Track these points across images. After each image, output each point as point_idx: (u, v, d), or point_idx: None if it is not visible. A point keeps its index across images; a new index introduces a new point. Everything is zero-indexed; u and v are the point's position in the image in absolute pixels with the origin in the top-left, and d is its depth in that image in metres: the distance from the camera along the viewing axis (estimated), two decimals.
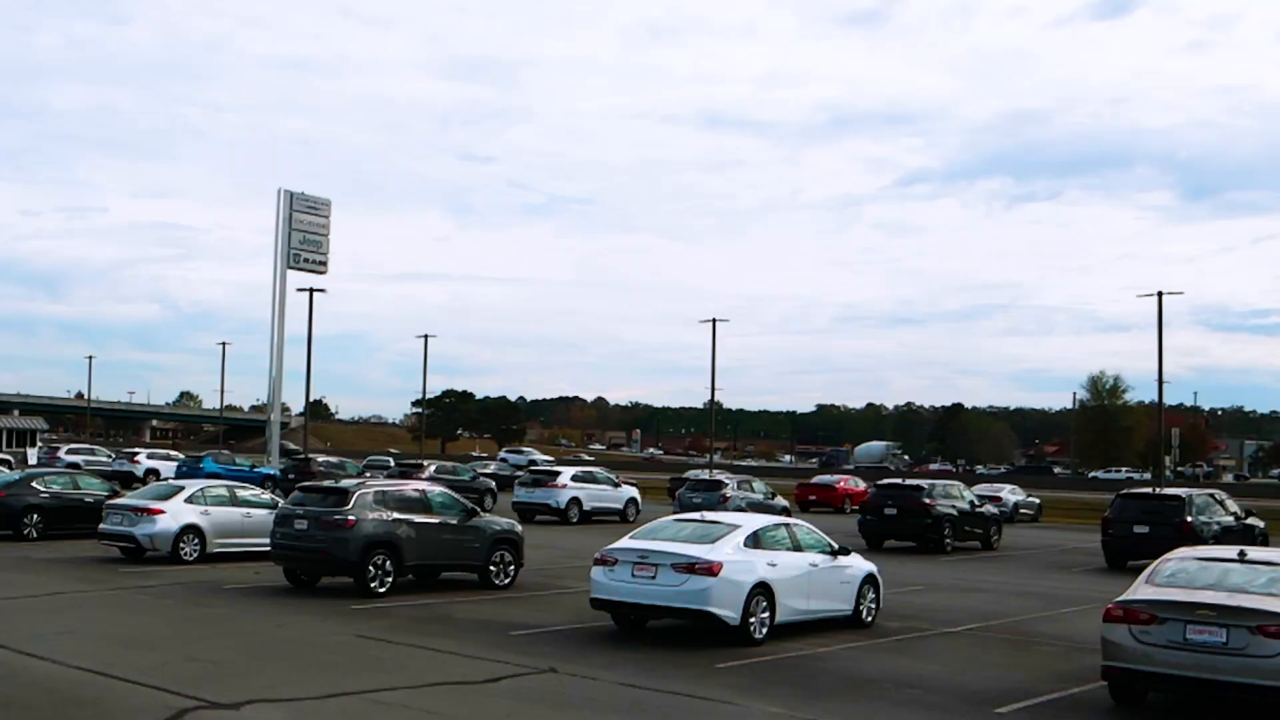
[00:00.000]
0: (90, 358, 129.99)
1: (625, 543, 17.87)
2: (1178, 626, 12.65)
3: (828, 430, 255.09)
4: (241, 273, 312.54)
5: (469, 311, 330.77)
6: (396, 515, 21.48)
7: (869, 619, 19.38)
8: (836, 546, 19.16)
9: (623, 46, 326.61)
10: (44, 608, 18.85)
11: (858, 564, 19.52)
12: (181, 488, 26.91)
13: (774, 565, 17.44)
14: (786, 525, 18.96)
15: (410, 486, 23.20)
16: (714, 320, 77.11)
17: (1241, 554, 13.77)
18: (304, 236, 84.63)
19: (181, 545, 25.28)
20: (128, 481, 50.59)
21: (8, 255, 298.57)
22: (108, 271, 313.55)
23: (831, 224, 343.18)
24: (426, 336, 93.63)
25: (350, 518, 20.90)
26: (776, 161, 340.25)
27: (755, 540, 17.63)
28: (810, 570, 18.18)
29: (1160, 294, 60.88)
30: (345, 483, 22.75)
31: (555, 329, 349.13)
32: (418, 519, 21.78)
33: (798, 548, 18.32)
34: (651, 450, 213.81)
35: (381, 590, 20.96)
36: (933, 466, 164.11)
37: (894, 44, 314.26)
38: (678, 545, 17.26)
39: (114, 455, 64.78)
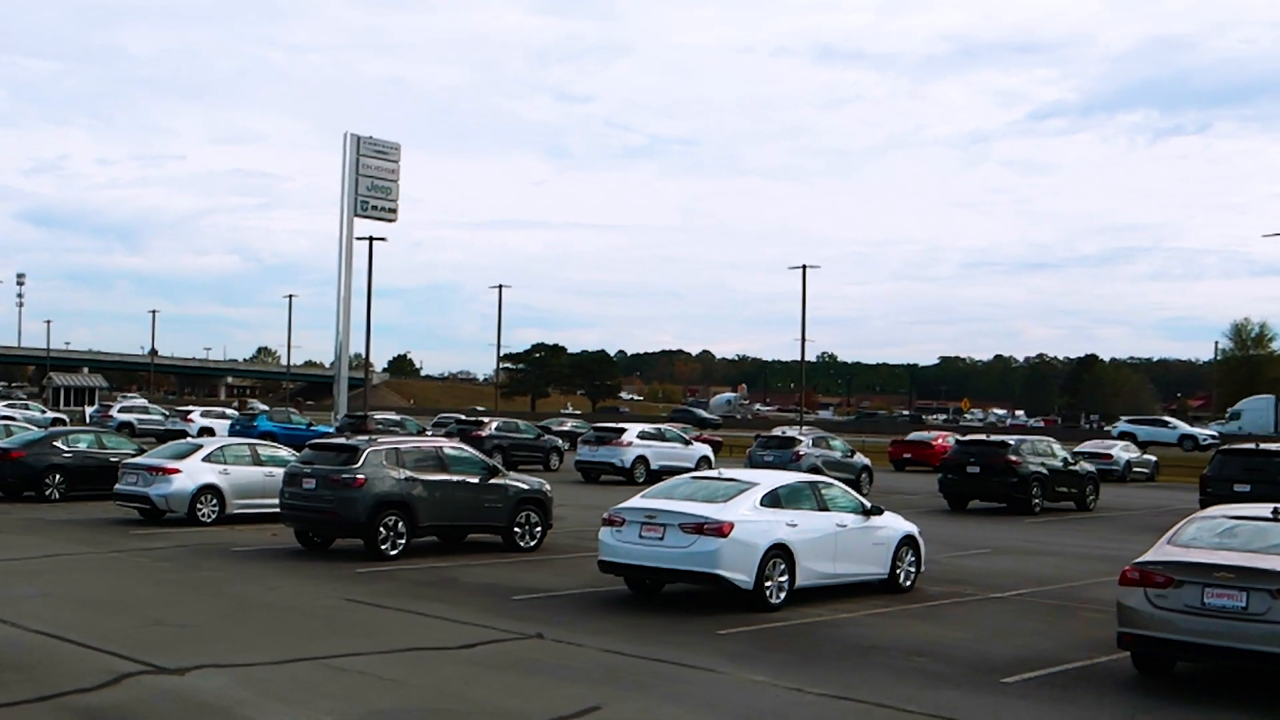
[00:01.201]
0: (154, 312, 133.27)
1: (634, 502, 17.94)
2: (1195, 590, 12.42)
3: (950, 384, 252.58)
4: (325, 222, 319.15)
5: (566, 260, 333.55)
6: (410, 474, 21.75)
7: (907, 583, 19.25)
8: (869, 505, 19.05)
9: None
10: (32, 570, 19.42)
11: (894, 524, 19.36)
12: (200, 445, 27.54)
13: (794, 526, 17.38)
14: (811, 483, 18.85)
15: (427, 444, 23.48)
16: (804, 267, 76.88)
17: (1276, 512, 13.44)
18: (372, 183, 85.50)
19: (199, 506, 25.86)
20: None
21: (82, 206, 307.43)
22: (185, 222, 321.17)
23: (957, 163, 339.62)
24: (501, 287, 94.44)
25: (359, 476, 21.23)
26: (896, 96, 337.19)
27: (774, 499, 17.58)
28: (837, 531, 18.08)
29: None
30: (355, 440, 23.08)
31: (658, 278, 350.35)
32: (433, 478, 22.04)
33: (823, 507, 18.21)
34: (758, 406, 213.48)
35: (393, 553, 21.26)
36: (993, 419, 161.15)
37: None
38: (688, 504, 17.26)
39: (168, 413, 66.37)
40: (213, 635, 14.49)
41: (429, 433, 50.47)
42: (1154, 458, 55.53)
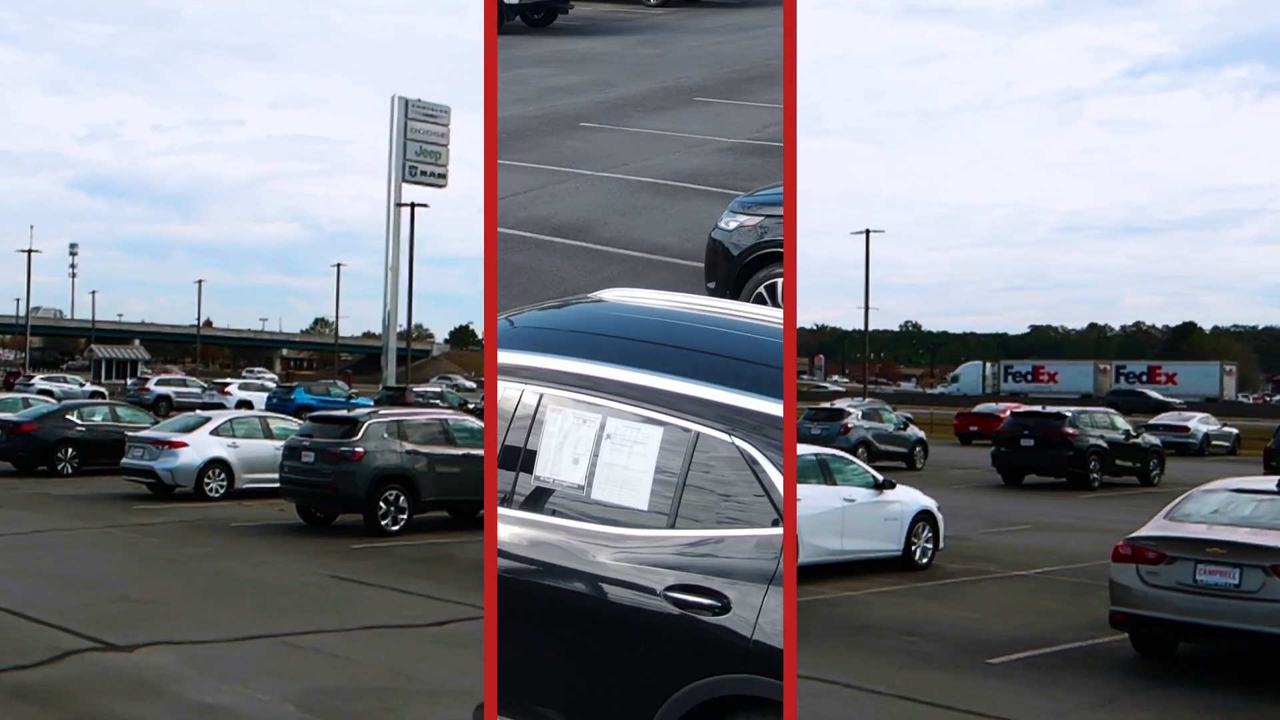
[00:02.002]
0: (199, 282, 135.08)
1: None
2: (1188, 567, 12.24)
3: (1041, 354, 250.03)
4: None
5: None
6: (413, 447, 21.90)
7: (924, 560, 19.14)
8: (881, 479, 18.94)
9: None
10: (16, 545, 19.76)
11: (909, 499, 19.24)
12: (209, 418, 27.83)
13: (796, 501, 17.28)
14: (816, 456, 18.76)
15: (431, 416, 23.62)
16: (867, 231, 76.31)
17: None
18: (420, 147, 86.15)
19: (206, 481, 26.13)
20: None
21: (138, 173, 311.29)
22: (244, 189, 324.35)
23: (1050, 122, 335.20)
24: None
25: (358, 449, 21.39)
26: (985, 53, 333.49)
27: None
28: (844, 506, 17.99)
29: None
30: (357, 412, 23.26)
31: None
32: (437, 451, 22.17)
33: (830, 480, 18.13)
34: (835, 378, 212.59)
35: (394, 528, 21.42)
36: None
37: None
38: None
39: (205, 386, 67.26)
40: (176, 612, 14.68)
41: (471, 405, 50.69)
42: (1235, 430, 54.68)
